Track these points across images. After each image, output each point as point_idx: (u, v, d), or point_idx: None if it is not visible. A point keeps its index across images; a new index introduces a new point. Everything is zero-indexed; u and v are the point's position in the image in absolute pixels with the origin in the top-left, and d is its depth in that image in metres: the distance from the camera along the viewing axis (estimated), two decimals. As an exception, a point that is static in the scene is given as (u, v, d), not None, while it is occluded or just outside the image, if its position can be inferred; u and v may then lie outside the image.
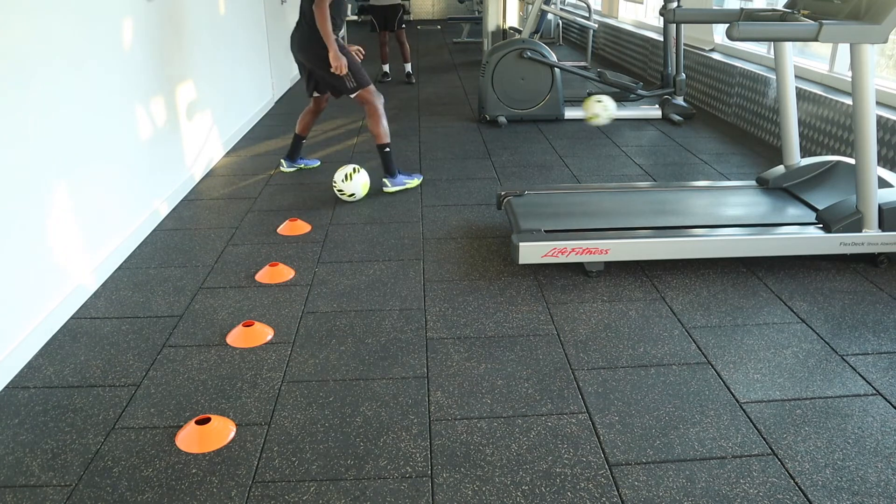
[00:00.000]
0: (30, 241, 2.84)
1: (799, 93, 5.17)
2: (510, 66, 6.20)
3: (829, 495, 2.04)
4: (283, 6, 7.90)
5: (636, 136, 5.97)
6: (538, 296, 3.23)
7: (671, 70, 6.53)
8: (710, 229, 3.48)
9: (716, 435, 2.30)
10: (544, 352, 2.78)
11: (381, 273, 3.47)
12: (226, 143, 5.61)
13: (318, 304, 3.18)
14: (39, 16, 2.96)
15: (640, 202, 3.87)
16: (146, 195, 4.02)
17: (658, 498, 2.04)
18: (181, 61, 4.66)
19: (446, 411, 2.43)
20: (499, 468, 2.16)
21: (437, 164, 5.24)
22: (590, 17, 9.53)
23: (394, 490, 2.08)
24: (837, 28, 3.11)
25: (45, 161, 2.96)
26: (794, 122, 3.98)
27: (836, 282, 3.33)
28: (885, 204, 3.34)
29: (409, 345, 2.84)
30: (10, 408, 2.46)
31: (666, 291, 3.26)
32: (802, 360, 2.72)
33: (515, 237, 3.35)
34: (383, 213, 4.26)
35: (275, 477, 2.14)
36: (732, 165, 5.12)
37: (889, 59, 5.02)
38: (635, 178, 4.86)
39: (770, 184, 4.04)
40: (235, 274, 3.48)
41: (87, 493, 2.08)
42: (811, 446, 2.25)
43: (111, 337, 2.92)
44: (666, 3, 6.16)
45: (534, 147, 5.64)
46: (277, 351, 2.81)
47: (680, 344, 2.83)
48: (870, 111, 3.20)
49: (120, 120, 3.72)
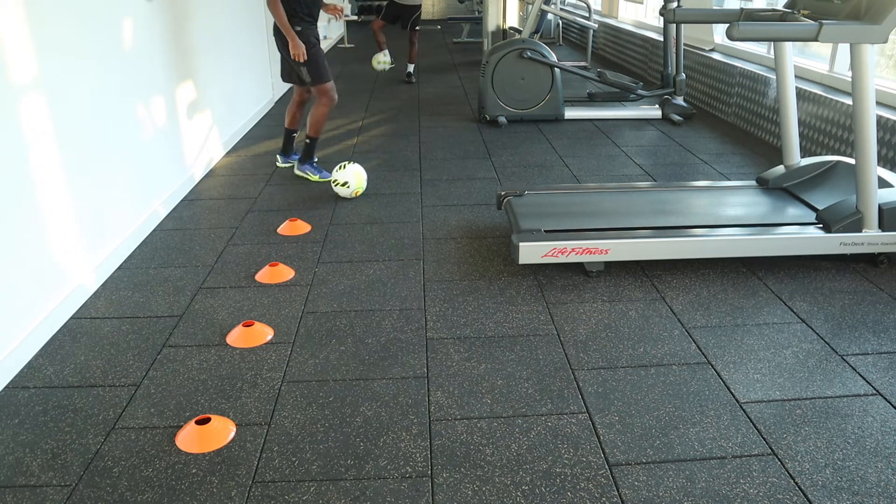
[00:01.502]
0: (30, 242, 2.84)
1: (799, 93, 5.17)
2: (510, 66, 6.20)
3: (829, 495, 2.04)
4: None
5: (636, 136, 5.97)
6: (538, 296, 3.23)
7: (671, 70, 6.53)
8: (710, 229, 3.48)
9: (716, 435, 2.30)
10: (544, 352, 2.78)
11: (381, 273, 3.47)
12: (226, 144, 5.61)
13: (318, 304, 3.18)
14: (39, 16, 2.96)
15: (640, 202, 3.87)
16: (146, 195, 4.02)
17: (658, 498, 2.04)
18: (181, 61, 4.66)
19: (446, 411, 2.43)
20: (499, 468, 2.16)
21: (437, 164, 5.24)
22: (590, 17, 9.53)
23: (394, 490, 2.08)
24: (837, 28, 3.11)
25: (45, 161, 2.96)
26: (794, 122, 3.98)
27: (836, 282, 3.33)
28: (885, 204, 3.34)
29: (409, 345, 2.84)
30: (10, 408, 2.46)
31: (666, 291, 3.26)
32: (802, 360, 2.72)
33: (515, 237, 3.35)
34: (383, 213, 4.26)
35: (275, 477, 2.14)
36: (732, 165, 5.12)
37: (889, 59, 5.02)
38: (635, 178, 4.86)
39: (770, 184, 4.04)
40: (235, 274, 3.48)
41: (87, 493, 2.08)
42: (811, 446, 2.25)
43: (111, 337, 2.92)
44: (666, 3, 6.16)
45: (534, 147, 5.64)
46: (277, 351, 2.81)
47: (680, 344, 2.83)
48: (870, 111, 3.20)
49: (120, 120, 3.72)
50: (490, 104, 6.32)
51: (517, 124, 6.36)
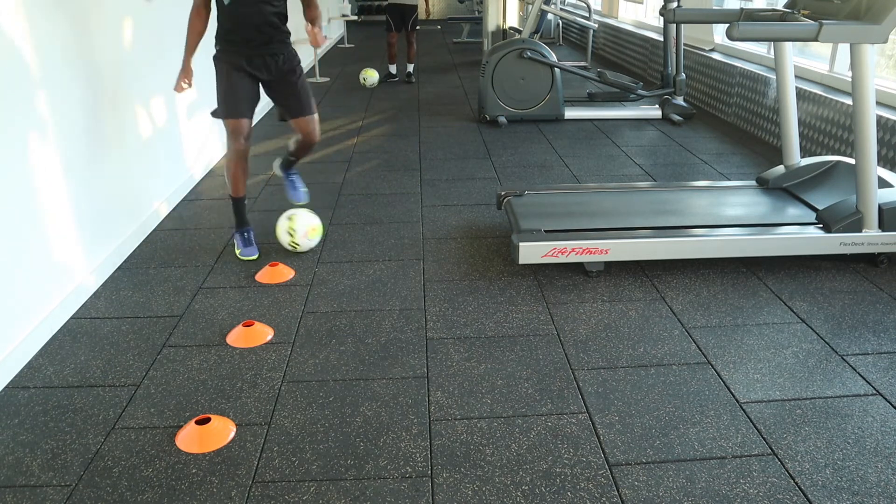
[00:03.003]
0: (30, 241, 2.84)
1: (799, 93, 5.16)
2: (510, 66, 6.20)
3: (829, 495, 2.04)
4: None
5: (636, 136, 5.97)
6: (538, 296, 3.23)
7: (671, 70, 6.53)
8: (710, 229, 3.48)
9: (716, 435, 2.30)
10: (544, 352, 2.78)
11: (381, 273, 3.47)
12: (226, 143, 5.60)
13: (318, 304, 3.18)
14: (39, 16, 2.96)
15: (640, 202, 3.87)
16: (146, 195, 4.02)
17: (658, 498, 2.04)
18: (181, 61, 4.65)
19: (446, 411, 2.43)
20: (499, 468, 2.16)
21: (436, 164, 5.24)
22: (590, 17, 9.53)
23: (394, 490, 2.08)
24: (837, 28, 3.11)
25: (45, 161, 2.96)
26: (794, 122, 3.98)
27: (836, 282, 3.33)
28: (885, 204, 3.34)
29: (409, 345, 2.84)
30: (10, 408, 2.46)
31: (666, 291, 3.26)
32: (802, 360, 2.72)
33: (515, 237, 3.35)
34: (383, 213, 4.26)
35: (275, 477, 2.14)
36: (732, 165, 5.12)
37: (889, 59, 5.02)
38: (635, 178, 4.86)
39: (770, 184, 4.04)
40: (235, 274, 3.48)
41: (87, 493, 2.08)
42: (811, 446, 2.25)
43: (111, 337, 2.92)
44: (666, 3, 6.16)
45: (534, 147, 5.64)
46: (277, 351, 2.81)
47: (680, 344, 2.83)
48: (870, 111, 3.20)
49: (120, 120, 3.72)
50: (490, 104, 6.32)
51: (517, 124, 6.36)
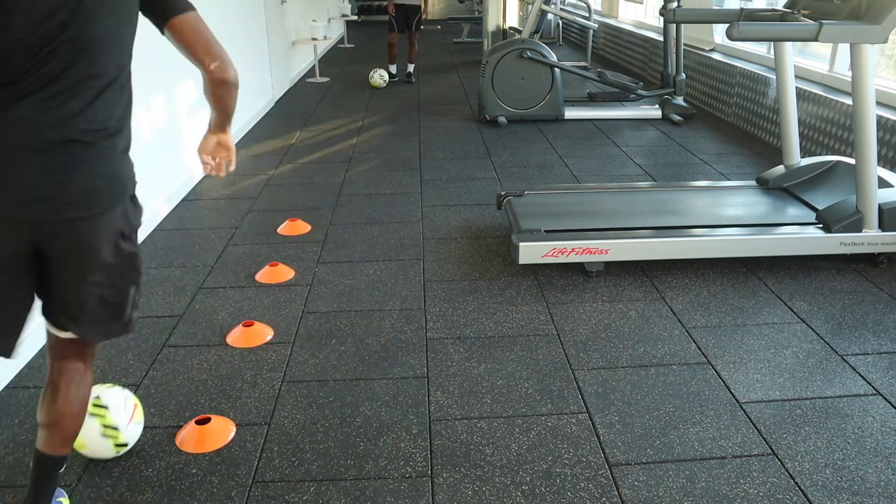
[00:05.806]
0: (30, 241, 2.83)
1: (799, 93, 5.16)
2: (510, 66, 6.20)
3: (829, 495, 2.04)
4: (282, 6, 7.90)
5: (636, 136, 5.97)
6: (538, 296, 3.23)
7: (671, 70, 6.53)
8: (710, 229, 3.48)
9: (716, 435, 2.30)
10: (544, 352, 2.78)
11: (381, 273, 3.47)
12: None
13: (318, 304, 3.18)
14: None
15: (640, 202, 3.87)
16: (146, 195, 3.99)
17: (658, 498, 2.04)
18: (181, 61, 4.65)
19: (446, 411, 2.43)
20: (499, 468, 2.16)
21: (436, 164, 5.24)
22: (590, 17, 9.53)
23: (394, 490, 2.08)
24: (837, 28, 3.11)
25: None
26: (794, 122, 3.98)
27: (836, 282, 3.33)
28: (885, 204, 3.34)
29: (409, 345, 2.84)
30: (10, 408, 2.46)
31: (666, 291, 3.26)
32: (802, 360, 2.72)
33: (515, 237, 3.35)
34: (383, 213, 4.26)
35: (275, 477, 2.14)
36: (732, 165, 5.12)
37: (889, 59, 5.02)
38: (635, 178, 4.86)
39: (770, 184, 4.04)
40: (235, 274, 3.48)
41: (87, 493, 2.08)
42: (811, 446, 2.25)
43: (111, 337, 2.92)
44: (666, 3, 6.15)
45: (534, 147, 5.64)
46: (277, 351, 2.81)
47: (680, 344, 2.83)
48: (870, 111, 3.20)
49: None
50: (490, 104, 6.32)
51: (517, 124, 6.36)
